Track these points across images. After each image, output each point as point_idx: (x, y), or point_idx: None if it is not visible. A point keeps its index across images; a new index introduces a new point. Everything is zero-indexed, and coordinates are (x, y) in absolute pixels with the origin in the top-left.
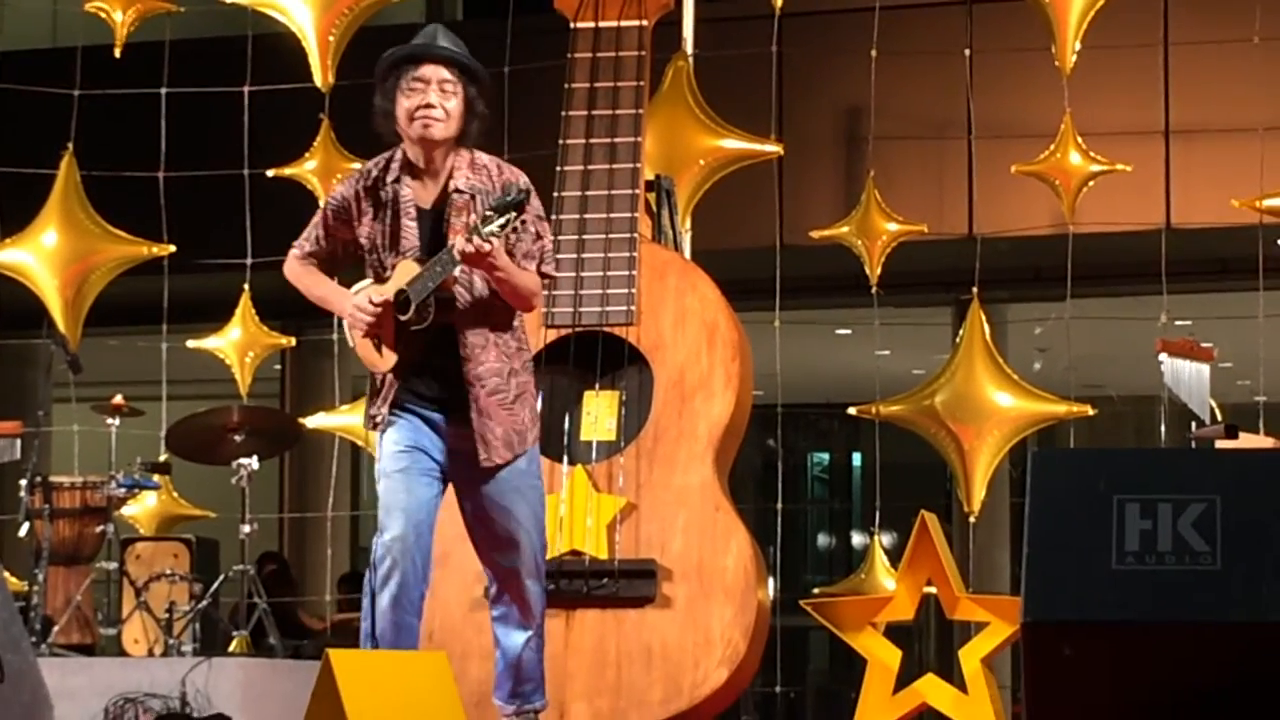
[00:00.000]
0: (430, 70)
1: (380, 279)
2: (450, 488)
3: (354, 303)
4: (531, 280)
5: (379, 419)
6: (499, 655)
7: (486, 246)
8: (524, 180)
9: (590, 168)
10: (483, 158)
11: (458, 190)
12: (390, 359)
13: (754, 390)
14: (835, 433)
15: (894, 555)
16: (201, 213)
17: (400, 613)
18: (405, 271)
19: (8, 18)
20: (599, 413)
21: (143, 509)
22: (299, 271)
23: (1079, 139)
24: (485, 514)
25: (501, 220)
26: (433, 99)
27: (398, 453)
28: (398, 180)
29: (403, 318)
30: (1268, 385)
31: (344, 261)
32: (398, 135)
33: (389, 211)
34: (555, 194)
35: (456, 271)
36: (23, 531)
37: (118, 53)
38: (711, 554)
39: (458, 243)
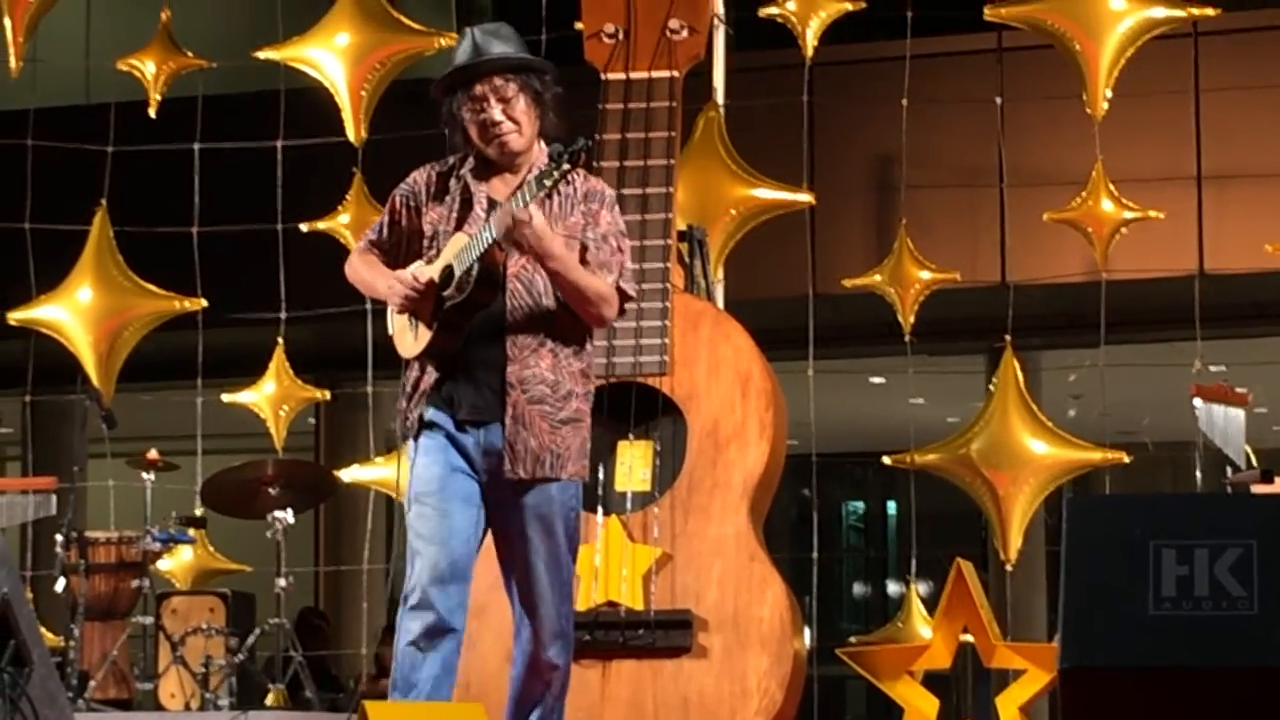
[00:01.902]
0: (483, 87)
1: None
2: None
3: (396, 275)
4: (599, 286)
5: (410, 422)
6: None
7: (524, 215)
8: (607, 189)
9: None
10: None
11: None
12: (423, 341)
13: (788, 439)
14: (870, 481)
15: (930, 604)
16: (235, 267)
17: (431, 650)
18: (455, 244)
19: (41, 75)
20: (633, 463)
21: (178, 563)
22: (355, 263)
23: (1111, 186)
24: (508, 542)
25: (549, 181)
26: (497, 114)
27: (430, 475)
28: (473, 172)
29: (445, 293)
30: None
31: (407, 257)
32: (471, 145)
33: (458, 200)
34: None
35: (513, 260)
36: (59, 587)
37: (152, 111)
38: (747, 604)
39: (499, 210)
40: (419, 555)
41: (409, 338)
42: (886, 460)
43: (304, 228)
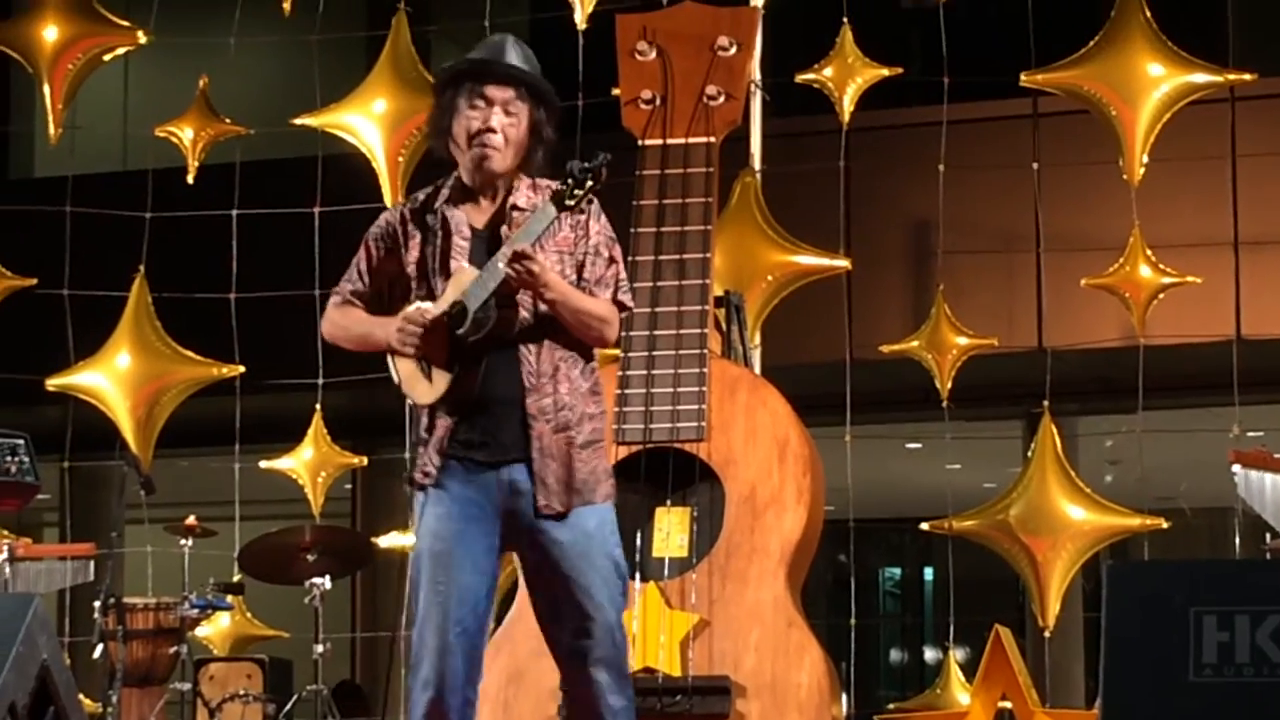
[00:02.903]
0: (494, 90)
1: None
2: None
3: (403, 315)
4: (600, 307)
5: (430, 470)
6: None
7: (528, 250)
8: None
9: (659, 284)
10: (545, 181)
11: (516, 208)
12: (441, 385)
13: (825, 505)
14: (906, 547)
15: (968, 670)
16: (272, 333)
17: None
18: (461, 279)
19: (80, 142)
20: (671, 529)
21: (216, 629)
22: (335, 317)
23: (1149, 251)
24: (546, 582)
25: (571, 201)
26: (494, 122)
27: (443, 531)
28: (448, 202)
29: (459, 331)
30: None
31: (390, 303)
32: (451, 154)
33: (439, 234)
34: None
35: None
36: (97, 653)
37: (190, 177)
38: (785, 670)
39: (510, 241)
40: (427, 621)
41: (422, 384)
42: (924, 526)
43: None
